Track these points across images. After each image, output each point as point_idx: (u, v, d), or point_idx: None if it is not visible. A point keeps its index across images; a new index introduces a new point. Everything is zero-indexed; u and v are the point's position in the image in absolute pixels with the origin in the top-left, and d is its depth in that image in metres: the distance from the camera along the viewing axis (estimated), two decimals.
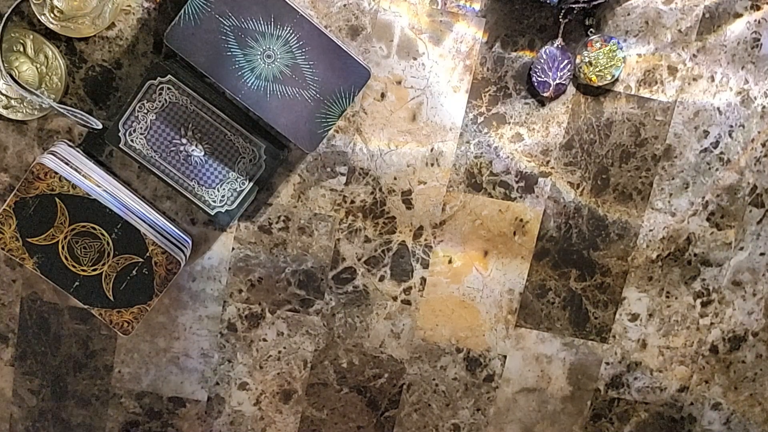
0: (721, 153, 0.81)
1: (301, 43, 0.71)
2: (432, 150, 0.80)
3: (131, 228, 0.74)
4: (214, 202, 0.77)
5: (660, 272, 0.84)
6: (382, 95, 0.78)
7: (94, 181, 0.74)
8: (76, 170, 0.74)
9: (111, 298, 0.75)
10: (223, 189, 0.77)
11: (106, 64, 0.77)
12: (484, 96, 0.79)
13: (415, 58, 0.78)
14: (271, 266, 0.83)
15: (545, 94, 0.78)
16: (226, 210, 0.78)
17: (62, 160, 0.74)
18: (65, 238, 0.74)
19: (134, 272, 0.75)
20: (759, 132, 0.81)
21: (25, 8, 0.74)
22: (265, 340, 0.85)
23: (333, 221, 0.82)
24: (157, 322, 0.84)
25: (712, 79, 0.79)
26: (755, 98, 0.80)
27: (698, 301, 0.85)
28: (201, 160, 0.76)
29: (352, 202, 0.81)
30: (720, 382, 0.88)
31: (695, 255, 0.84)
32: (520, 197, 0.82)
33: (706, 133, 0.80)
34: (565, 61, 0.77)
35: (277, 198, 0.81)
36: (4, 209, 0.73)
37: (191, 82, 0.75)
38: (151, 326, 0.84)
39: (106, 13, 0.74)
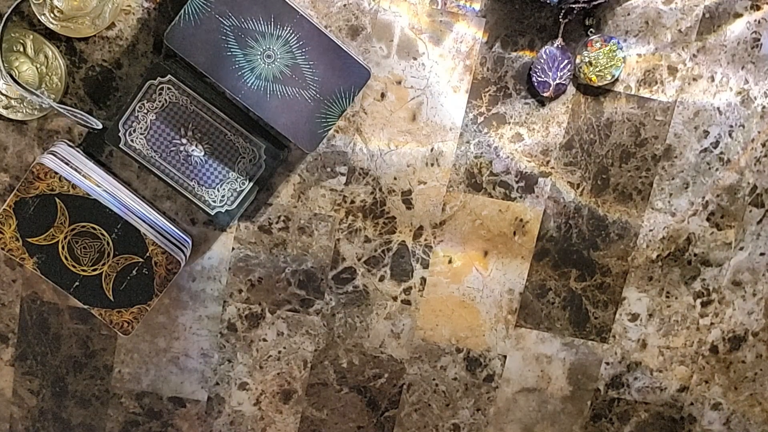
0: (721, 153, 0.81)
1: (301, 43, 0.71)
2: (432, 150, 0.80)
3: (131, 228, 0.74)
4: (214, 202, 0.77)
5: (660, 272, 0.84)
6: (382, 95, 0.78)
7: (94, 181, 0.74)
8: (76, 170, 0.74)
9: (111, 298, 0.75)
10: (223, 189, 0.77)
11: (106, 64, 0.77)
12: (484, 96, 0.79)
13: (415, 58, 0.78)
14: (271, 266, 0.83)
15: (545, 94, 0.78)
16: (226, 210, 0.78)
17: (62, 160, 0.74)
18: (65, 238, 0.74)
19: (134, 272, 0.75)
20: (759, 132, 0.81)
21: (25, 8, 0.74)
22: (265, 340, 0.85)
23: (333, 221, 0.82)
24: (157, 322, 0.84)
25: (712, 79, 0.79)
26: (755, 98, 0.80)
27: (698, 301, 0.85)
28: (201, 160, 0.76)
29: (352, 202, 0.81)
30: (720, 382, 0.88)
31: (695, 255, 0.84)
32: (520, 197, 0.82)
33: (706, 133, 0.80)
34: (565, 61, 0.77)
35: (277, 198, 0.81)
36: (4, 209, 0.73)
37: (191, 82, 0.75)
38: (151, 326, 0.84)
39: (106, 13, 0.74)
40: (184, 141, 0.76)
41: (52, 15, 0.73)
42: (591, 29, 0.77)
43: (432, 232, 0.82)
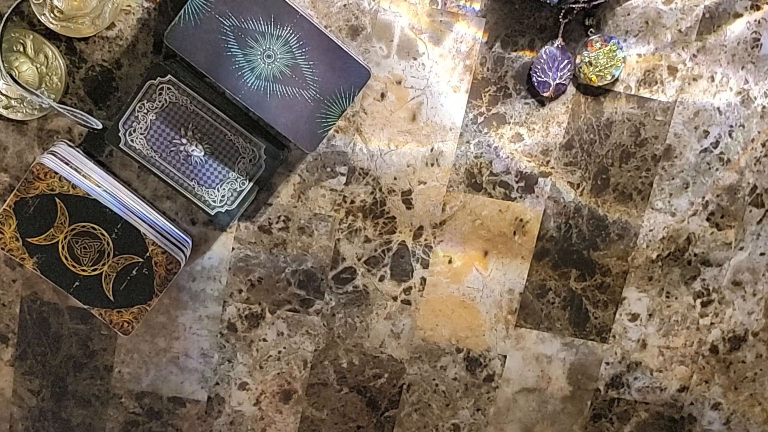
0: (721, 153, 0.81)
1: (301, 43, 0.71)
2: (432, 150, 0.80)
3: (131, 228, 0.74)
4: (214, 202, 0.77)
5: (660, 272, 0.84)
6: (382, 95, 0.78)
7: (94, 181, 0.74)
8: (76, 170, 0.74)
9: (111, 298, 0.75)
10: (223, 189, 0.77)
11: (106, 64, 0.77)
12: (484, 96, 0.79)
13: (415, 58, 0.78)
14: (271, 266, 0.83)
15: (545, 94, 0.78)
16: (226, 210, 0.78)
17: (62, 160, 0.74)
18: (65, 238, 0.74)
19: (134, 272, 0.75)
20: (759, 132, 0.81)
21: (25, 8, 0.74)
22: (265, 340, 0.85)
23: (333, 221, 0.82)
24: (157, 322, 0.84)
25: (712, 79, 0.79)
26: (755, 98, 0.80)
27: (698, 301, 0.85)
28: (201, 160, 0.76)
29: (352, 202, 0.81)
30: (720, 382, 0.88)
31: (695, 255, 0.84)
32: (520, 197, 0.82)
33: (706, 133, 0.80)
34: (565, 61, 0.77)
35: (277, 198, 0.81)
36: (4, 209, 0.73)
37: (191, 82, 0.75)
38: (151, 326, 0.84)
39: (106, 13, 0.74)
40: (184, 141, 0.76)
41: (52, 15, 0.73)
42: (591, 29, 0.77)
43: (432, 232, 0.82)
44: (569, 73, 0.78)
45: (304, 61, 0.71)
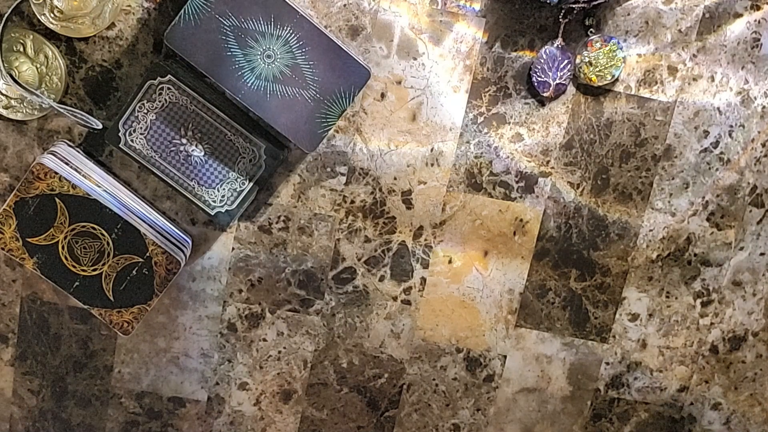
0: (721, 153, 0.81)
1: (301, 43, 0.71)
2: (432, 150, 0.80)
3: (131, 228, 0.74)
4: (214, 202, 0.77)
5: (660, 272, 0.84)
6: (382, 95, 0.78)
7: (94, 181, 0.74)
8: (76, 170, 0.74)
9: (111, 298, 0.75)
10: (223, 189, 0.77)
11: (106, 64, 0.77)
12: (484, 96, 0.79)
13: (415, 58, 0.78)
14: (271, 266, 0.83)
15: (545, 94, 0.78)
16: (226, 210, 0.78)
17: (62, 160, 0.74)
18: (65, 238, 0.74)
19: (134, 272, 0.75)
20: (759, 132, 0.81)
21: (25, 8, 0.74)
22: (265, 340, 0.85)
23: (333, 221, 0.82)
24: (157, 322, 0.84)
25: (712, 79, 0.79)
26: (755, 98, 0.80)
27: (698, 301, 0.85)
28: (201, 160, 0.76)
29: (352, 202, 0.81)
30: (720, 382, 0.88)
31: (695, 255, 0.84)
32: (520, 197, 0.82)
33: (706, 133, 0.80)
34: (565, 61, 0.77)
35: (277, 198, 0.81)
36: (4, 209, 0.73)
37: (191, 82, 0.75)
38: (151, 326, 0.84)
39: (106, 13, 0.74)
40: (184, 141, 0.76)
41: (52, 15, 0.73)
42: (591, 29, 0.77)
43: (432, 232, 0.82)
44: (569, 73, 0.78)
45: (304, 61, 0.71)
